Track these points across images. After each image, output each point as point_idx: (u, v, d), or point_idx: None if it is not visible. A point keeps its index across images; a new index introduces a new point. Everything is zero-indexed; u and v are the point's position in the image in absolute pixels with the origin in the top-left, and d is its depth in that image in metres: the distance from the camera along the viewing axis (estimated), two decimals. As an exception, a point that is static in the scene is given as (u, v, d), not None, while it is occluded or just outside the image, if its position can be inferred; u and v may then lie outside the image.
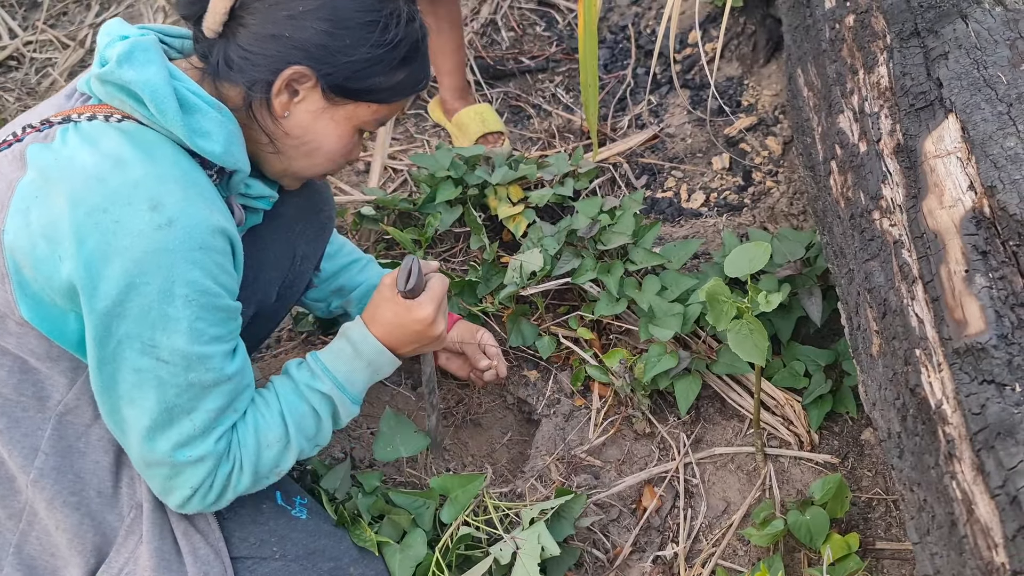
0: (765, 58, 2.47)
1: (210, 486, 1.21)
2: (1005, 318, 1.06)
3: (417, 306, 1.33)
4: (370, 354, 1.34)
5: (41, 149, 1.12)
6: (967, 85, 1.29)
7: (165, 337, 1.10)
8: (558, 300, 1.94)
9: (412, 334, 1.35)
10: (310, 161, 1.27)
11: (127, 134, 1.13)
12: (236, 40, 1.17)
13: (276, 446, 1.26)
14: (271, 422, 1.26)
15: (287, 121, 1.21)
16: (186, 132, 1.14)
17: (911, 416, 1.15)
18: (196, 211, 1.10)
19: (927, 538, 1.11)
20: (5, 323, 1.14)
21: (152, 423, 1.14)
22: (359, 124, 1.25)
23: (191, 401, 1.15)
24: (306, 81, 1.19)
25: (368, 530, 1.45)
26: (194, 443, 1.17)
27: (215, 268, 1.12)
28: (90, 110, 1.16)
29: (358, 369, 1.34)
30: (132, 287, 1.08)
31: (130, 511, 1.25)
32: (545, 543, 1.44)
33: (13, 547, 1.21)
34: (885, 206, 1.32)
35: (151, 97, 1.12)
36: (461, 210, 2.02)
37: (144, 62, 1.14)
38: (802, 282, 1.72)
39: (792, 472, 1.66)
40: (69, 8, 3.02)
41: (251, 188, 1.26)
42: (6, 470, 1.20)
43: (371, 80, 1.21)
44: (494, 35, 2.77)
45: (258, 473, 1.25)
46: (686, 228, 2.11)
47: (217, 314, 1.14)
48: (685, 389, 1.72)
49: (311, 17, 1.16)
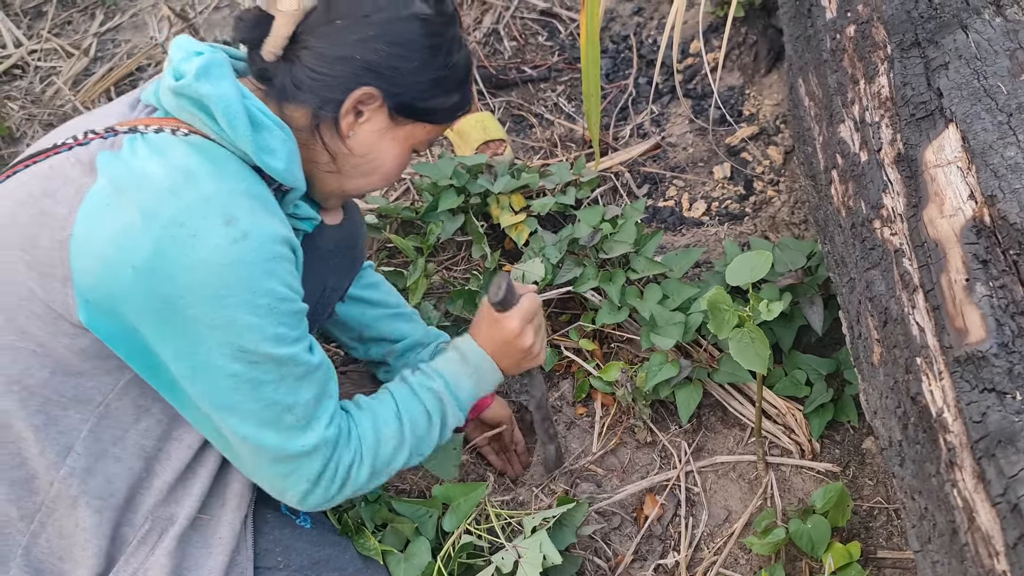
0: (767, 68, 2.48)
1: (333, 476, 1.25)
2: (1006, 327, 1.06)
3: (505, 318, 1.42)
4: (476, 360, 1.42)
5: (111, 157, 1.14)
6: (967, 95, 1.30)
7: (253, 344, 1.13)
8: (560, 309, 1.94)
9: (503, 345, 1.43)
10: (366, 180, 1.31)
11: (195, 147, 1.15)
12: (302, 62, 1.20)
13: (392, 442, 1.32)
14: (387, 418, 1.32)
15: (351, 141, 1.25)
16: (254, 148, 1.17)
17: (912, 424, 1.16)
18: (266, 223, 1.14)
19: (928, 546, 1.11)
20: (60, 324, 1.15)
21: (257, 423, 1.18)
22: (415, 143, 1.30)
23: (288, 395, 1.18)
24: (372, 102, 1.23)
25: (372, 539, 1.45)
26: (302, 434, 1.21)
27: (288, 276, 1.16)
28: (157, 123, 1.19)
29: (465, 374, 1.41)
30: (217, 298, 1.10)
31: (145, 522, 1.25)
32: (547, 551, 1.44)
33: (22, 548, 1.21)
34: (886, 215, 1.32)
35: (224, 112, 1.15)
36: (463, 218, 2.03)
37: (219, 77, 1.17)
38: (803, 291, 1.72)
39: (793, 481, 1.66)
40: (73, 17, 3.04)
41: (299, 209, 1.30)
42: (27, 470, 1.20)
43: (433, 101, 1.26)
44: (496, 45, 2.78)
45: (375, 467, 1.30)
46: (687, 237, 2.11)
47: (294, 317, 1.18)
48: (686, 398, 1.72)
49: (380, 40, 1.20)
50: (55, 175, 1.16)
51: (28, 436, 1.19)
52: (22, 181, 1.19)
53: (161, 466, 1.25)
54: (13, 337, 1.16)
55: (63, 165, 1.17)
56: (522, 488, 1.69)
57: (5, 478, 1.20)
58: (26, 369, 1.17)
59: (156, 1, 3.03)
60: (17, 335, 1.16)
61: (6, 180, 1.22)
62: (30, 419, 1.18)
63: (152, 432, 1.23)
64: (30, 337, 1.16)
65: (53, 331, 1.15)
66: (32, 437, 1.19)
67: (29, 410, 1.18)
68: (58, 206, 1.13)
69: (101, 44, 2.92)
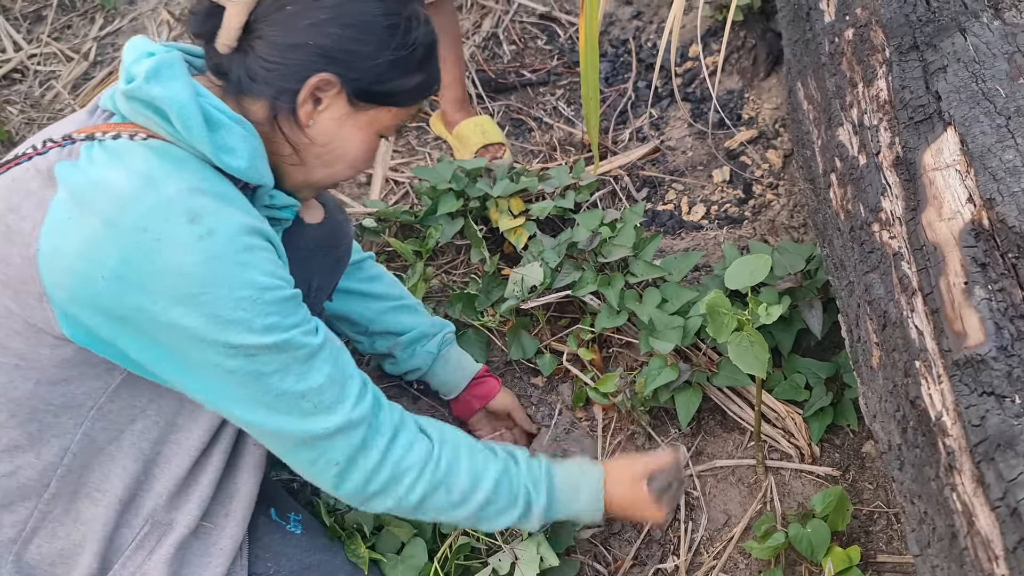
0: (765, 71, 2.48)
1: (377, 465, 1.21)
2: (1005, 330, 1.06)
3: (658, 508, 1.42)
4: (590, 501, 1.40)
5: (69, 168, 1.12)
6: (966, 98, 1.30)
7: (241, 339, 1.10)
8: (559, 313, 1.94)
9: (636, 516, 1.47)
10: (331, 170, 1.27)
11: (154, 151, 1.13)
12: (256, 53, 1.17)
13: (456, 495, 1.29)
14: (465, 472, 1.29)
15: (311, 130, 1.22)
16: (212, 149, 1.14)
17: (911, 428, 1.15)
18: (231, 216, 1.11)
19: (928, 550, 1.11)
20: (41, 338, 1.13)
21: (268, 411, 1.14)
22: (380, 129, 1.26)
23: (298, 383, 1.15)
24: (330, 88, 1.19)
25: (362, 546, 1.44)
26: (325, 416, 1.17)
27: (266, 264, 1.12)
28: (114, 128, 1.16)
29: (571, 506, 1.39)
30: (192, 298, 1.07)
31: (144, 525, 1.24)
32: (544, 554, 1.44)
33: (12, 555, 1.21)
34: (885, 218, 1.32)
35: (178, 113, 1.12)
36: (462, 222, 2.03)
37: (170, 78, 1.14)
38: (803, 294, 1.72)
39: (793, 485, 1.66)
40: (73, 21, 3.04)
41: (275, 199, 1.27)
42: (20, 478, 1.20)
43: (393, 83, 1.22)
44: (496, 49, 2.78)
45: (425, 502, 1.27)
46: (687, 241, 2.11)
47: (283, 305, 1.14)
48: (686, 402, 1.72)
49: (333, 24, 1.16)
50: (17, 188, 1.14)
51: (23, 443, 1.18)
52: None
53: (160, 470, 1.25)
54: None
55: (24, 177, 1.15)
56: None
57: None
58: (9, 382, 1.16)
59: (156, 5, 3.03)
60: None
61: None
62: (23, 427, 1.18)
63: (149, 434, 1.22)
64: (11, 351, 1.15)
65: (35, 344, 1.14)
66: (27, 443, 1.18)
67: (19, 419, 1.18)
68: (23, 222, 1.11)
69: (101, 48, 2.92)
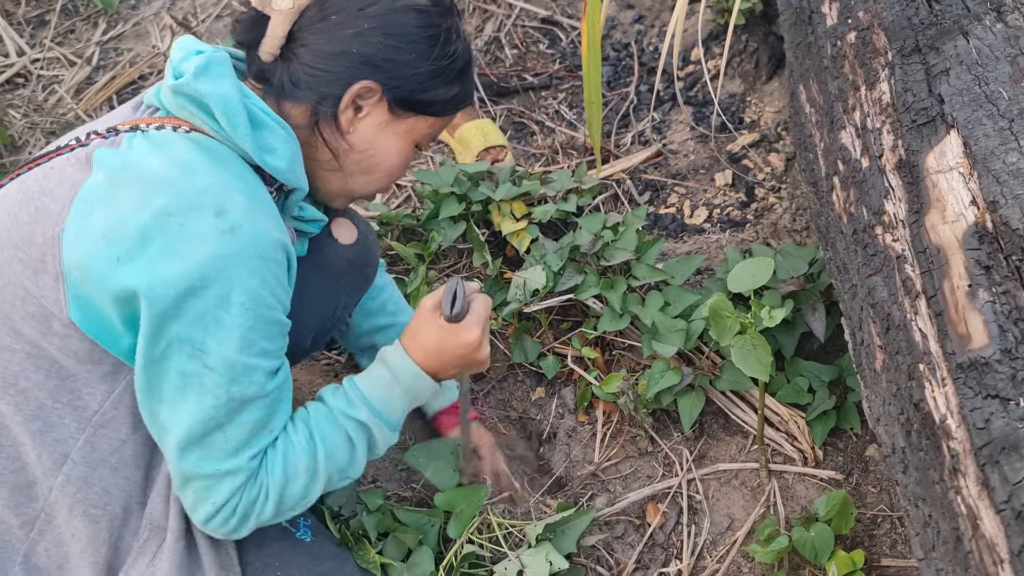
0: (767, 75, 2.48)
1: (234, 509, 1.19)
2: (1008, 332, 1.06)
3: (464, 329, 1.28)
4: (409, 381, 1.30)
5: (109, 153, 1.14)
6: (969, 101, 1.30)
7: (216, 343, 1.10)
8: (561, 316, 1.94)
9: (457, 358, 1.31)
10: (369, 177, 1.30)
11: (196, 143, 1.15)
12: (299, 60, 1.20)
13: (303, 477, 1.23)
14: (300, 451, 1.23)
15: (352, 136, 1.25)
16: (254, 147, 1.16)
17: (915, 431, 1.15)
18: (259, 221, 1.12)
19: (932, 554, 1.10)
20: (50, 323, 1.14)
21: (187, 432, 1.14)
22: (416, 138, 1.29)
23: (228, 415, 1.14)
24: (371, 96, 1.22)
25: (371, 551, 1.44)
26: (224, 458, 1.16)
27: (273, 280, 1.13)
28: (159, 121, 1.19)
29: (396, 396, 1.30)
30: (191, 290, 1.08)
31: (144, 531, 1.24)
32: (552, 558, 1.44)
33: (21, 556, 1.21)
34: (888, 221, 1.32)
35: (223, 110, 1.14)
36: (465, 226, 2.03)
37: (219, 76, 1.16)
38: (805, 298, 1.72)
39: (796, 488, 1.65)
40: (76, 26, 3.05)
41: (304, 211, 1.29)
42: (27, 475, 1.20)
43: (432, 92, 1.25)
44: (498, 52, 2.78)
45: (282, 503, 1.22)
46: (689, 244, 2.11)
47: (269, 327, 1.14)
48: (688, 405, 1.72)
49: (376, 33, 1.20)
50: (53, 174, 1.16)
51: (26, 441, 1.19)
52: (24, 183, 1.19)
53: (157, 472, 1.25)
54: (8, 339, 1.16)
55: (63, 165, 1.17)
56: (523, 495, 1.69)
57: (6, 482, 1.20)
58: (21, 371, 1.16)
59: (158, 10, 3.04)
60: (12, 336, 1.16)
61: (10, 183, 1.22)
62: (26, 424, 1.18)
63: (150, 439, 1.23)
64: (24, 338, 1.15)
65: (44, 330, 1.14)
66: (30, 442, 1.18)
67: (25, 414, 1.18)
68: (53, 203, 1.13)
69: (103, 53, 2.92)
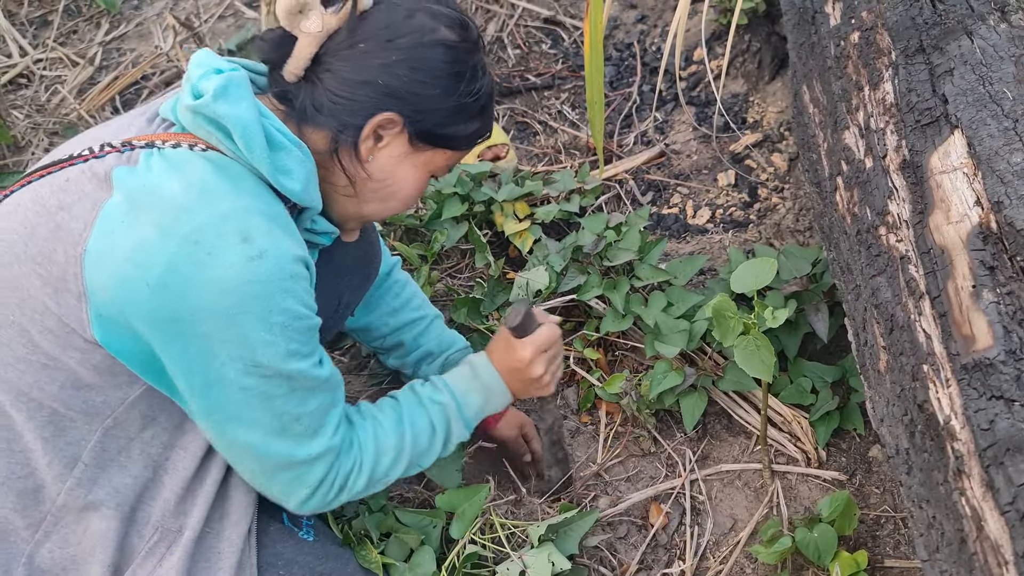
0: (770, 75, 2.48)
1: (332, 483, 1.26)
2: (1013, 333, 1.06)
3: (519, 345, 1.42)
4: (486, 378, 1.42)
5: (127, 173, 1.14)
6: (973, 101, 1.30)
7: (265, 359, 1.14)
8: (564, 316, 1.93)
9: (512, 371, 1.43)
10: (384, 205, 1.31)
11: (213, 164, 1.15)
12: (324, 85, 1.20)
13: (391, 453, 1.32)
14: (390, 430, 1.33)
15: (370, 165, 1.25)
16: (270, 169, 1.16)
17: (919, 432, 1.15)
18: (282, 242, 1.14)
19: (936, 555, 1.10)
20: (71, 339, 1.14)
21: (265, 431, 1.19)
22: (433, 169, 1.29)
23: (298, 406, 1.19)
24: (393, 127, 1.22)
25: (373, 551, 1.44)
26: (309, 442, 1.22)
27: (303, 294, 1.16)
28: (175, 138, 1.18)
29: (474, 390, 1.42)
30: (230, 317, 1.10)
31: (154, 533, 1.25)
32: (555, 559, 1.44)
33: (25, 557, 1.21)
34: (891, 222, 1.32)
35: (242, 133, 1.14)
36: (467, 226, 2.03)
37: (238, 98, 1.16)
38: (808, 298, 1.72)
39: (799, 489, 1.65)
40: (79, 27, 3.05)
41: (317, 224, 1.29)
42: (35, 480, 1.20)
43: (453, 128, 1.25)
44: (500, 53, 2.78)
45: (373, 477, 1.31)
46: (692, 244, 2.11)
47: (307, 333, 1.18)
48: (691, 406, 1.72)
49: (403, 66, 1.19)
50: (71, 188, 1.15)
51: (37, 447, 1.19)
52: (38, 193, 1.18)
53: (168, 476, 1.25)
54: (24, 351, 1.16)
55: (79, 179, 1.16)
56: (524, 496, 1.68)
57: (13, 488, 1.20)
58: (35, 382, 1.16)
59: (161, 11, 3.04)
60: (29, 348, 1.16)
61: (21, 190, 1.21)
62: (39, 431, 1.18)
63: (158, 439, 1.23)
64: (41, 351, 1.15)
65: (64, 345, 1.15)
66: (40, 448, 1.19)
67: (37, 422, 1.18)
68: (74, 221, 1.12)
69: (106, 53, 2.93)
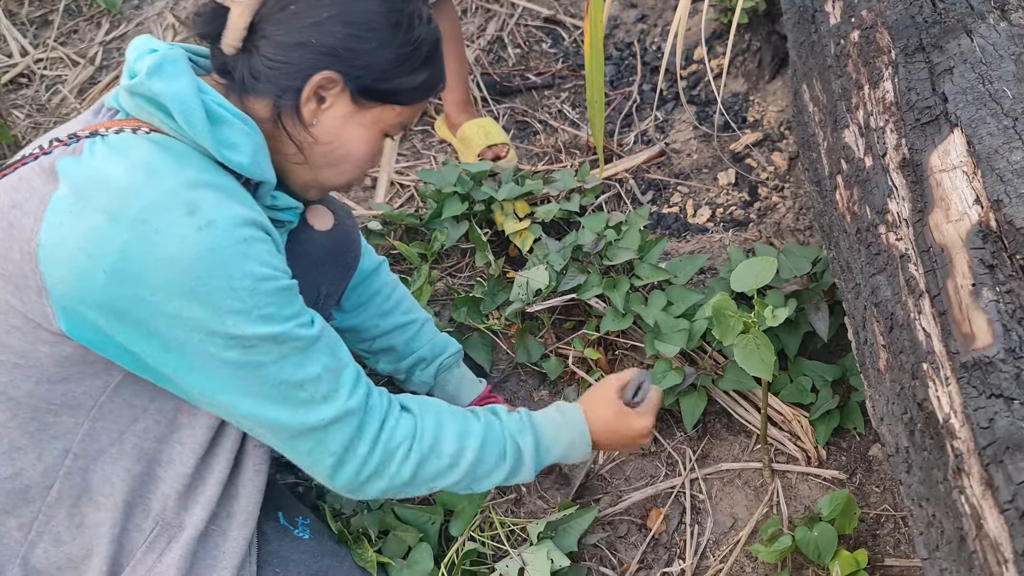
0: (770, 74, 2.48)
1: (366, 453, 1.21)
2: (1013, 332, 1.05)
3: (639, 416, 1.42)
4: (576, 436, 1.40)
5: (71, 163, 1.13)
6: (972, 99, 1.30)
7: (240, 329, 1.10)
8: (564, 316, 1.94)
9: (624, 439, 1.43)
10: (337, 169, 1.27)
11: (157, 144, 1.13)
12: (260, 52, 1.18)
13: (445, 459, 1.27)
14: (452, 436, 1.28)
15: (315, 128, 1.22)
16: (213, 144, 1.14)
17: (919, 430, 1.15)
18: (230, 208, 1.11)
19: (936, 554, 1.10)
20: (39, 334, 1.13)
21: (265, 403, 1.14)
22: (384, 128, 1.26)
23: (294, 371, 1.15)
24: (333, 87, 1.19)
25: (369, 549, 1.44)
26: (320, 407, 1.17)
27: (265, 255, 1.13)
28: (118, 124, 1.17)
29: (560, 444, 1.39)
30: (193, 291, 1.07)
31: (154, 527, 1.24)
32: (554, 556, 1.44)
33: (20, 558, 1.21)
34: (891, 220, 1.32)
35: (180, 109, 1.13)
36: (467, 225, 2.03)
37: (173, 74, 1.14)
38: (809, 297, 1.72)
39: (800, 488, 1.65)
40: (80, 26, 3.05)
41: (278, 200, 1.27)
42: (23, 480, 1.20)
43: (397, 81, 1.22)
44: (500, 52, 2.78)
45: (418, 474, 1.26)
46: (692, 243, 2.11)
47: (281, 295, 1.14)
48: (691, 405, 1.71)
49: (335, 22, 1.17)
50: (22, 187, 1.14)
51: (24, 444, 1.18)
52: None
53: (164, 470, 1.24)
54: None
55: (30, 175, 1.15)
56: (524, 495, 1.68)
57: (1, 488, 1.20)
58: (10, 381, 1.16)
59: (161, 10, 3.04)
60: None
61: None
62: (23, 427, 1.18)
63: (151, 433, 1.22)
64: (11, 349, 1.15)
65: (33, 341, 1.14)
66: (28, 444, 1.18)
67: (20, 419, 1.18)
68: (25, 217, 1.11)
69: (107, 53, 2.93)
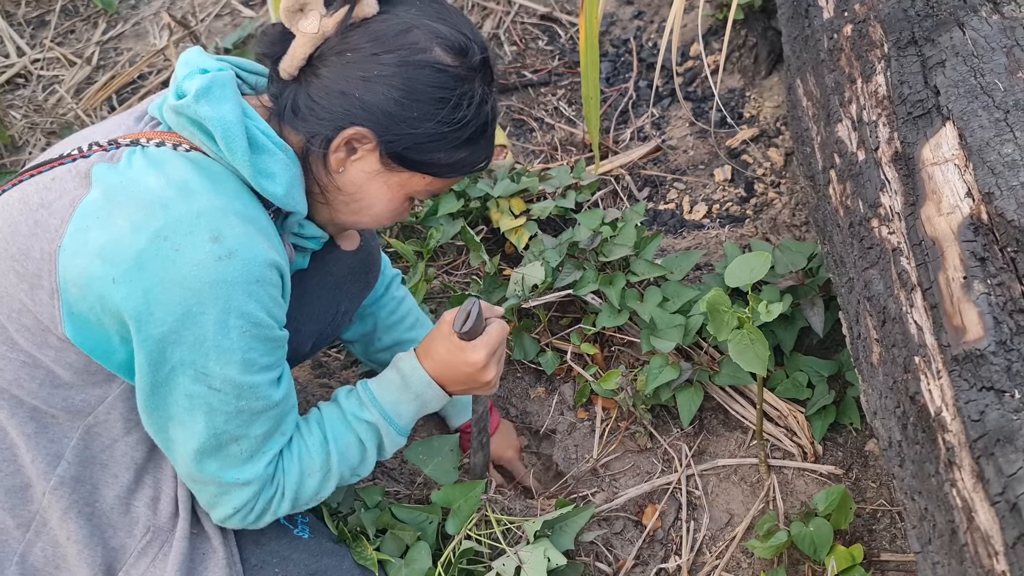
0: (767, 70, 2.48)
1: (251, 508, 1.23)
2: (1004, 324, 1.05)
3: (470, 349, 1.31)
4: (419, 387, 1.34)
5: (107, 169, 1.13)
6: (964, 92, 1.29)
7: (218, 367, 1.11)
8: (560, 312, 1.94)
9: (462, 375, 1.33)
10: (356, 218, 1.27)
11: (194, 163, 1.14)
12: (308, 88, 1.17)
13: (317, 475, 1.27)
14: (314, 451, 1.27)
15: (340, 177, 1.21)
16: (251, 172, 1.14)
17: (911, 424, 1.15)
18: (254, 245, 1.11)
19: (929, 547, 1.10)
20: (47, 337, 1.14)
21: (201, 446, 1.16)
22: (410, 192, 1.25)
23: (240, 428, 1.17)
24: (366, 143, 1.18)
25: (369, 547, 1.44)
26: (242, 467, 1.20)
27: (269, 301, 1.14)
28: (159, 136, 1.17)
29: (406, 401, 1.34)
30: (189, 315, 1.08)
31: (145, 534, 1.25)
32: (551, 555, 1.44)
33: (18, 556, 1.22)
34: (883, 214, 1.32)
35: (223, 134, 1.13)
36: (463, 223, 2.03)
37: (220, 99, 1.14)
38: (804, 293, 1.72)
39: (796, 483, 1.65)
40: (76, 26, 3.05)
41: (304, 228, 1.27)
42: (22, 478, 1.21)
43: (431, 155, 1.20)
44: (497, 49, 2.78)
45: (297, 500, 1.27)
46: (688, 240, 2.11)
47: (268, 344, 1.15)
48: (687, 401, 1.71)
49: (384, 83, 1.14)
50: (54, 187, 1.15)
51: (21, 444, 1.19)
52: (25, 192, 1.18)
53: (153, 478, 1.25)
54: (4, 348, 1.16)
55: (64, 177, 1.16)
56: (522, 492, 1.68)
57: (1, 485, 1.20)
58: (16, 379, 1.17)
59: (158, 10, 3.04)
60: (8, 346, 1.16)
61: (12, 188, 1.21)
62: (21, 427, 1.18)
63: (143, 444, 1.23)
64: (20, 348, 1.16)
65: (40, 343, 1.15)
66: (24, 445, 1.19)
67: (19, 418, 1.18)
68: (51, 217, 1.12)
69: (103, 53, 2.93)
